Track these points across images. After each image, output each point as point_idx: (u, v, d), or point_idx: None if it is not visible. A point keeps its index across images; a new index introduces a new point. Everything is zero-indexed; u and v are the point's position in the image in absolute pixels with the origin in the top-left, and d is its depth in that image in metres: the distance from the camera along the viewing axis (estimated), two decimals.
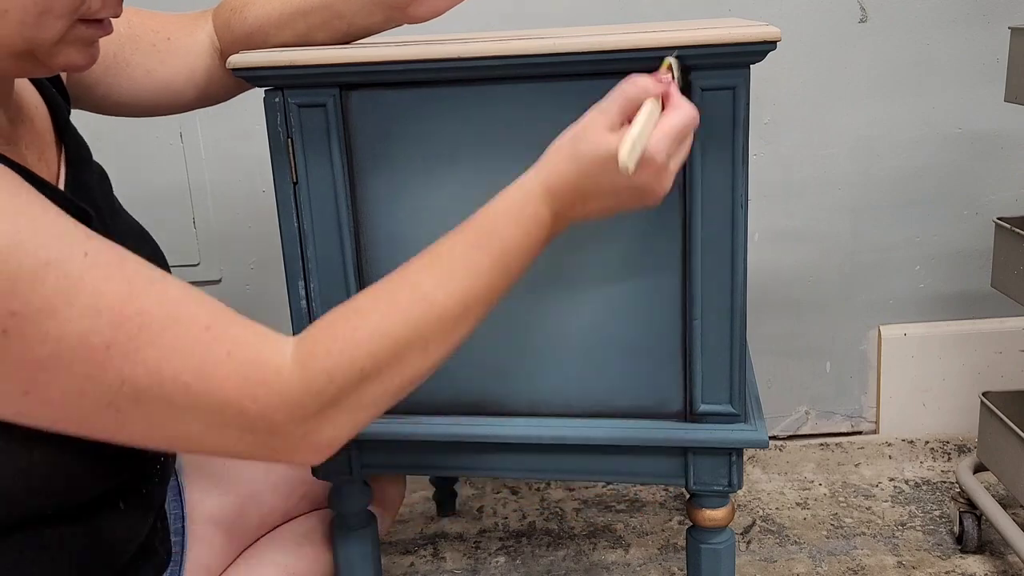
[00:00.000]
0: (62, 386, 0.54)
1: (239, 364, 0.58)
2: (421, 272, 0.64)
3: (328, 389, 0.60)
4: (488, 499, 1.49)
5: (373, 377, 0.61)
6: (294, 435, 0.60)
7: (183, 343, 0.57)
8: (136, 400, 0.56)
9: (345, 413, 0.61)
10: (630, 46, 0.70)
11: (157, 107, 0.86)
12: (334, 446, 0.63)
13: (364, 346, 0.61)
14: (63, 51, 0.61)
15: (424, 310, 0.62)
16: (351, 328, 0.61)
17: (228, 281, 1.53)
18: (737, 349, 0.77)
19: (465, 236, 0.64)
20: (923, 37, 1.42)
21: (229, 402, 0.58)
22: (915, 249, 1.51)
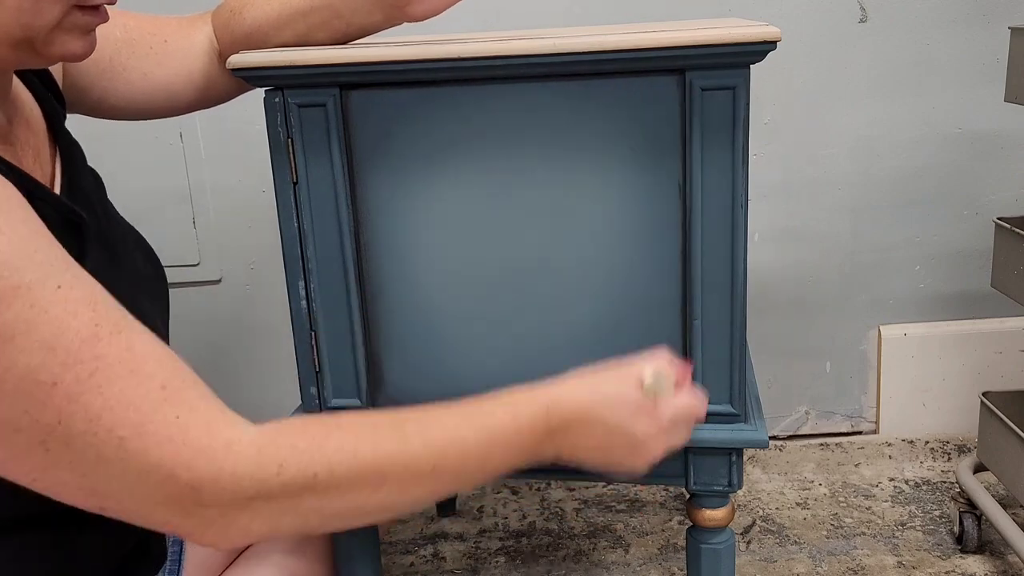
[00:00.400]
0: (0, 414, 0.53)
1: (183, 428, 0.56)
2: (409, 418, 0.64)
3: (272, 480, 0.58)
4: (488, 499, 1.49)
5: (320, 490, 0.60)
6: (214, 515, 0.58)
7: (131, 397, 0.55)
8: (67, 444, 0.54)
9: (274, 512, 0.59)
10: (630, 46, 0.70)
11: (155, 110, 0.86)
12: (247, 539, 0.61)
13: (328, 455, 0.60)
14: (60, 39, 0.61)
15: (397, 449, 0.62)
16: (324, 434, 0.61)
17: (228, 281, 1.53)
18: (737, 349, 0.77)
19: (461, 407, 0.66)
20: (923, 37, 1.42)
21: (161, 465, 0.56)
22: (915, 249, 1.51)
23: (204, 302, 1.53)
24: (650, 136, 0.74)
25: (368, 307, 0.82)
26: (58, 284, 0.54)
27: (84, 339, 0.54)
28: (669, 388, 0.68)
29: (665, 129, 0.74)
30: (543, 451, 0.67)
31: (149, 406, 0.56)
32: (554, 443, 0.67)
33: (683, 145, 0.74)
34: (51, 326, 0.53)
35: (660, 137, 0.74)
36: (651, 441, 0.67)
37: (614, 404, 0.66)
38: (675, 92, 0.73)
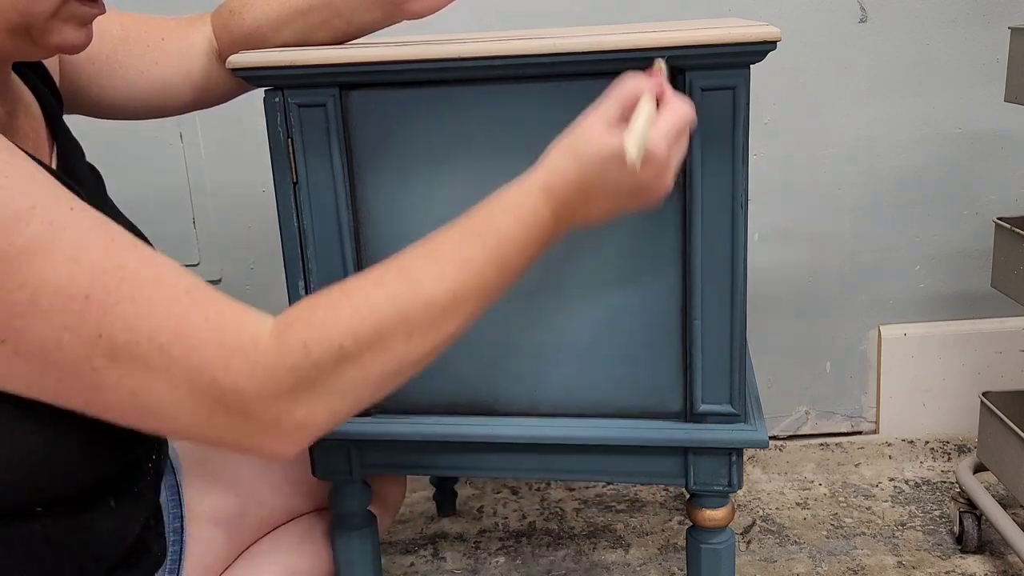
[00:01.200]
0: (39, 334, 0.54)
1: (215, 330, 0.57)
2: (412, 259, 0.63)
3: (303, 363, 0.58)
4: (488, 499, 1.49)
5: (352, 357, 0.60)
6: (266, 414, 0.58)
7: (162, 302, 0.56)
8: (112, 357, 0.55)
9: (320, 395, 0.60)
10: (630, 46, 0.70)
11: (153, 109, 0.86)
12: (307, 433, 0.61)
13: (345, 322, 0.59)
14: (58, 28, 0.62)
15: (411, 295, 0.61)
16: (333, 304, 0.60)
17: (228, 281, 1.53)
18: (737, 349, 0.77)
19: (460, 228, 0.64)
20: (923, 37, 1.42)
21: (203, 368, 0.57)
22: (915, 249, 1.51)
23: None
24: None
25: None
26: (71, 207, 0.56)
27: (106, 252, 0.56)
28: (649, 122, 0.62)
29: None
30: (558, 233, 0.65)
31: (180, 310, 0.57)
32: (563, 221, 0.65)
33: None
34: (72, 240, 0.54)
35: None
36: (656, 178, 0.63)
37: (606, 164, 0.62)
38: None
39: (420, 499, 1.49)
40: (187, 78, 0.85)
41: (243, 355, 0.58)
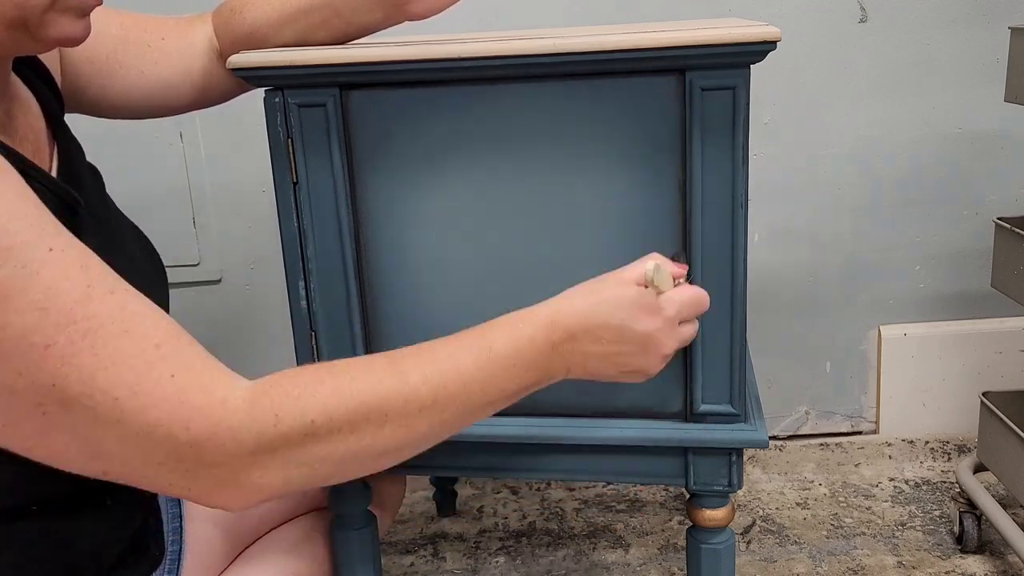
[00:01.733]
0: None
1: (179, 388, 0.56)
2: (406, 355, 0.64)
3: (270, 432, 0.58)
4: (488, 499, 1.49)
5: (321, 435, 0.59)
6: (220, 471, 0.58)
7: (125, 357, 0.55)
8: (63, 406, 0.54)
9: (280, 464, 0.59)
10: (630, 46, 0.70)
11: (153, 108, 0.86)
12: (260, 494, 0.60)
13: (322, 399, 0.59)
14: (55, 21, 0.61)
15: (394, 385, 0.61)
16: (316, 379, 0.60)
17: (228, 281, 1.53)
18: (737, 349, 0.77)
19: (457, 336, 0.65)
20: (923, 37, 1.42)
21: (159, 424, 0.56)
22: (915, 249, 1.51)
23: (204, 302, 1.53)
24: (650, 136, 0.74)
25: (368, 307, 0.82)
26: (50, 247, 0.54)
27: (77, 300, 0.54)
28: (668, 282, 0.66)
29: (665, 129, 0.74)
30: (551, 368, 0.65)
31: (144, 365, 0.56)
32: (560, 357, 0.65)
33: (683, 145, 0.74)
34: (44, 287, 0.53)
35: (660, 137, 0.74)
36: (660, 336, 0.65)
37: (616, 306, 0.64)
38: (675, 92, 0.72)
39: (420, 499, 1.49)
40: (187, 77, 0.85)
41: (206, 414, 0.57)
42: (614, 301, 0.64)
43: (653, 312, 0.65)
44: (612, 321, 0.64)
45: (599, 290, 0.66)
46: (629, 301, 0.65)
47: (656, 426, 0.81)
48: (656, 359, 0.67)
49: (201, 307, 1.53)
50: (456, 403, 0.63)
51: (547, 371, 0.65)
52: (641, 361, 0.66)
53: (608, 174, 0.76)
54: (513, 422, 0.83)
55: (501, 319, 0.65)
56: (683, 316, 0.67)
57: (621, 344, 0.65)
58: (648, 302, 0.65)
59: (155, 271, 0.79)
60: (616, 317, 0.64)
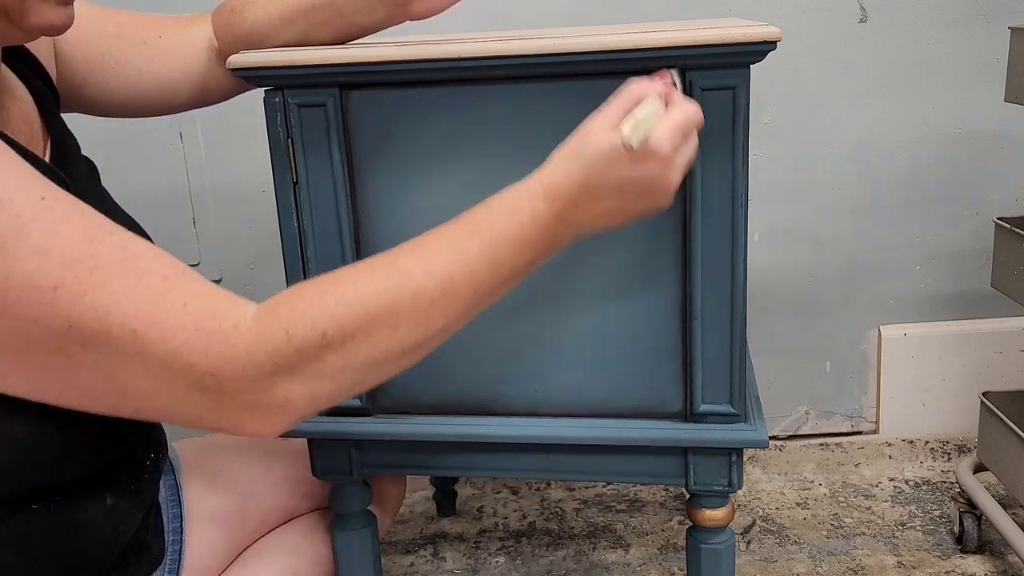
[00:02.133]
0: (10, 328, 0.54)
1: (193, 315, 0.57)
2: (404, 251, 0.63)
3: (284, 349, 0.58)
4: (488, 499, 1.49)
5: (336, 345, 0.59)
6: (244, 395, 0.58)
7: (135, 290, 0.55)
8: (84, 345, 0.55)
9: (300, 380, 0.59)
10: (630, 46, 0.70)
11: (151, 107, 0.86)
12: (287, 415, 0.60)
13: (329, 309, 0.59)
14: (37, 9, 0.61)
15: (399, 285, 0.60)
16: (319, 292, 0.60)
17: (228, 281, 1.53)
18: (737, 349, 0.77)
19: (456, 224, 0.63)
20: (923, 37, 1.42)
21: (179, 353, 0.56)
22: (915, 249, 1.51)
23: None
24: None
25: None
26: (41, 196, 0.55)
27: (77, 241, 0.55)
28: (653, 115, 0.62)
29: None
30: (558, 236, 0.64)
31: (155, 297, 0.56)
32: (566, 224, 0.63)
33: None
34: (41, 232, 0.54)
35: None
36: (661, 176, 0.62)
37: (608, 161, 0.61)
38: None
39: (420, 499, 1.49)
40: (186, 76, 0.85)
41: (221, 339, 0.57)
42: (605, 155, 0.61)
43: (647, 157, 0.61)
44: (609, 179, 0.62)
45: (586, 146, 0.62)
46: (621, 152, 0.61)
47: (656, 426, 0.81)
48: (663, 195, 0.64)
49: None
50: (466, 290, 0.62)
51: (555, 240, 0.64)
52: (649, 203, 0.64)
53: None
54: (513, 422, 0.83)
55: (495, 199, 0.63)
56: (679, 145, 0.63)
57: (624, 196, 0.63)
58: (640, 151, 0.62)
59: None
60: (611, 174, 0.62)
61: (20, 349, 0.54)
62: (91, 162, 0.78)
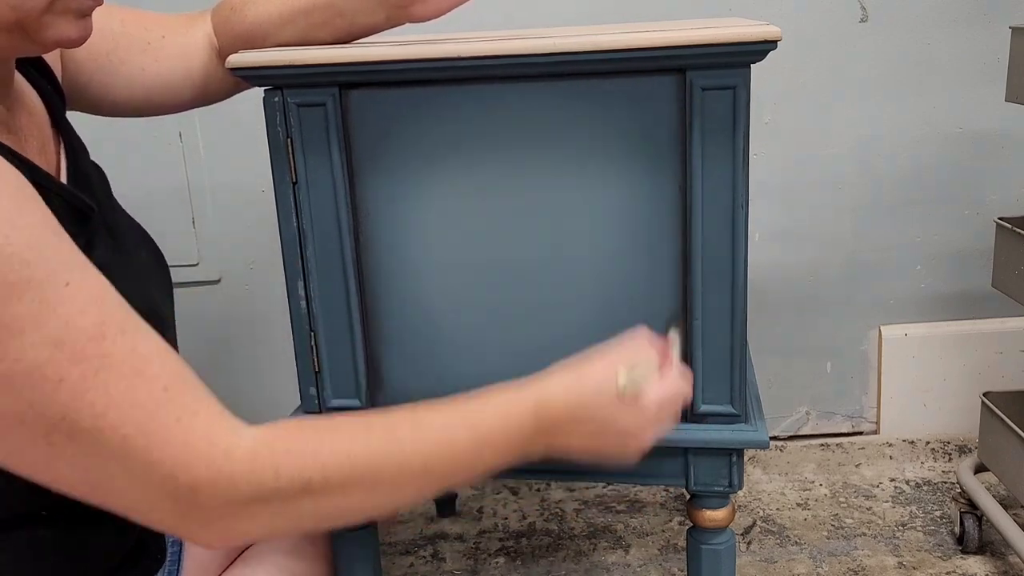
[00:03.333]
0: (5, 407, 0.54)
1: (185, 431, 0.57)
2: (402, 419, 0.65)
3: (268, 485, 0.59)
4: (488, 499, 1.49)
5: (315, 493, 0.61)
6: (211, 516, 0.59)
7: (135, 396, 0.56)
8: (71, 438, 0.55)
9: (269, 515, 0.60)
10: (630, 46, 0.70)
11: (153, 106, 0.86)
12: (242, 539, 0.62)
13: (322, 459, 0.61)
14: (53, 23, 0.61)
15: (389, 452, 0.63)
16: (318, 439, 0.61)
17: (228, 281, 1.53)
18: (737, 349, 0.77)
19: (453, 408, 0.66)
20: (924, 37, 1.42)
21: (162, 464, 0.56)
22: (915, 249, 1.51)
23: (203, 302, 1.53)
24: (650, 136, 0.74)
25: (368, 307, 0.82)
26: (67, 281, 0.55)
27: (91, 337, 0.55)
28: (650, 376, 0.68)
29: (665, 129, 0.74)
30: (533, 450, 0.68)
31: (153, 406, 0.56)
32: (544, 442, 0.67)
33: (683, 145, 0.73)
34: (59, 323, 0.54)
35: (660, 137, 0.74)
36: (639, 431, 0.68)
37: (600, 399, 0.66)
38: (675, 92, 0.72)
39: None
40: (187, 75, 0.85)
41: (208, 462, 0.57)
42: (600, 394, 0.66)
43: (634, 409, 0.67)
44: (595, 416, 0.67)
45: (586, 377, 0.67)
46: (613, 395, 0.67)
47: None
48: (635, 451, 0.69)
49: (201, 307, 1.53)
50: (442, 473, 0.65)
51: (529, 452, 0.68)
52: (619, 451, 0.69)
53: (608, 174, 0.75)
54: None
55: (493, 397, 0.67)
56: (663, 410, 0.69)
57: (603, 437, 0.68)
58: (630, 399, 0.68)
59: (160, 273, 0.80)
60: (600, 412, 0.67)
61: (7, 426, 0.55)
62: (100, 168, 0.78)
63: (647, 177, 0.75)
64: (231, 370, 1.57)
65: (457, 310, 0.81)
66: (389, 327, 0.82)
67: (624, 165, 0.75)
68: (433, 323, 0.81)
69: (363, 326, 0.82)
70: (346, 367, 0.83)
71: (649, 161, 0.75)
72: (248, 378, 1.57)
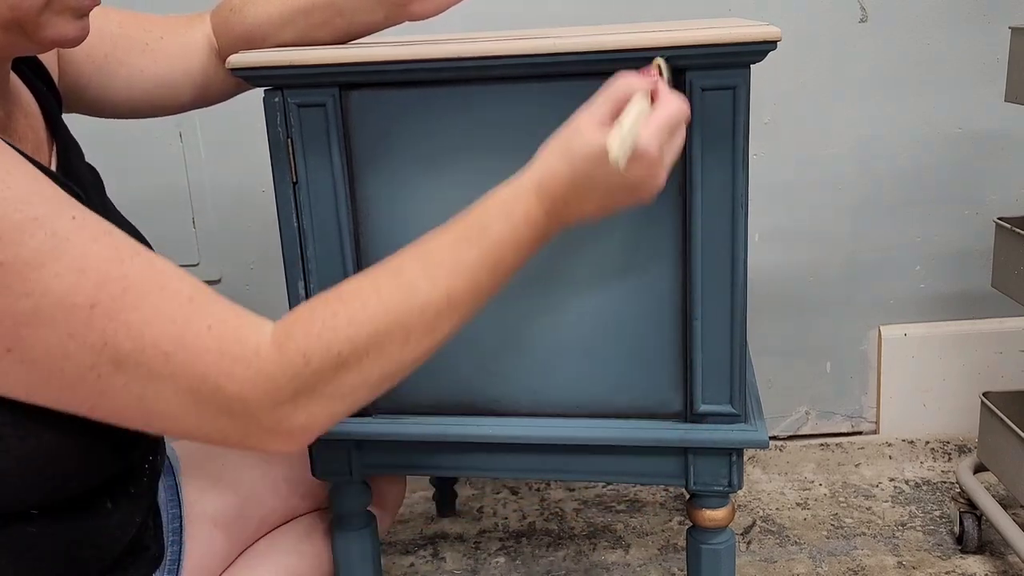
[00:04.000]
0: (45, 343, 0.54)
1: (218, 339, 0.58)
2: (406, 262, 0.63)
3: (303, 372, 0.59)
4: (488, 499, 1.49)
5: (351, 364, 0.61)
6: (268, 419, 0.60)
7: (166, 310, 0.57)
8: (117, 365, 0.56)
9: (320, 401, 0.61)
10: (630, 46, 0.70)
11: (152, 107, 0.86)
12: (309, 434, 0.62)
13: (343, 331, 0.60)
14: (51, 22, 0.61)
15: (406, 299, 0.62)
16: (331, 313, 0.61)
17: (228, 281, 1.53)
18: (737, 349, 0.77)
19: (454, 229, 0.64)
20: (923, 37, 1.42)
21: (207, 377, 0.57)
22: (915, 249, 1.51)
23: None
24: None
25: None
26: (72, 215, 0.56)
27: (109, 259, 0.56)
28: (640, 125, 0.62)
29: None
30: (550, 231, 0.65)
31: (183, 318, 0.57)
32: (557, 220, 0.65)
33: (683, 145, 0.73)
34: (76, 250, 0.55)
35: None
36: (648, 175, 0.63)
37: (597, 162, 0.62)
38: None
39: (420, 499, 1.49)
40: (187, 76, 0.85)
41: (245, 364, 0.58)
42: (594, 156, 0.62)
43: (635, 162, 0.61)
44: (596, 179, 0.62)
45: (574, 145, 0.63)
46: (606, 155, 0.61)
47: (656, 426, 0.81)
48: (650, 192, 0.65)
49: None
50: (469, 296, 0.64)
51: (547, 235, 0.66)
52: (635, 199, 0.65)
53: None
54: (513, 422, 0.83)
55: (488, 200, 0.64)
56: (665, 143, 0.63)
57: (612, 195, 0.64)
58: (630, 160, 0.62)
59: None
60: (599, 174, 0.62)
61: (55, 364, 0.55)
62: (94, 170, 0.78)
63: None
64: None
65: None
66: None
67: None
68: None
69: None
70: None
71: None
72: None
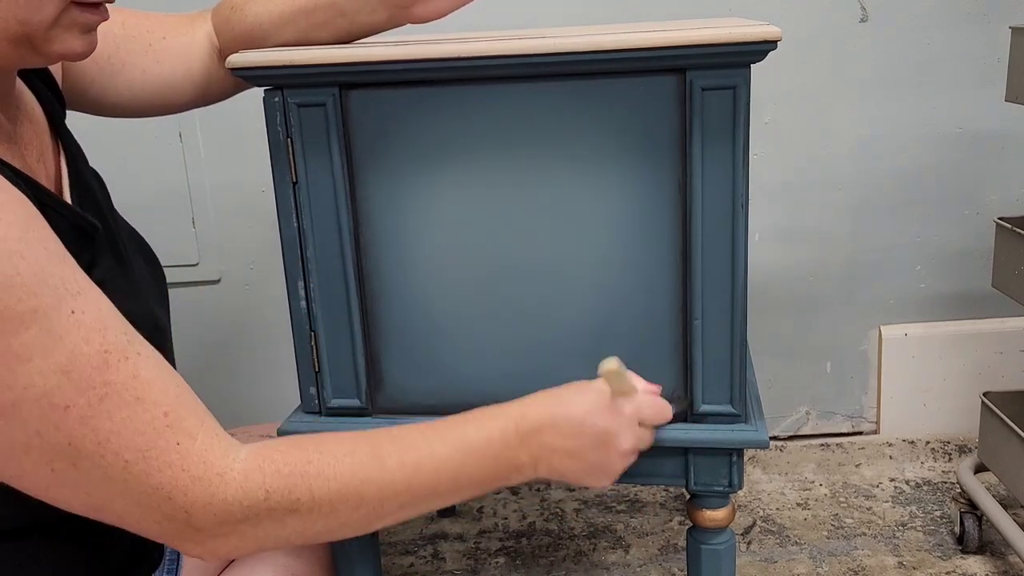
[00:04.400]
0: (10, 436, 0.55)
1: (183, 456, 0.59)
2: (386, 438, 0.67)
3: (259, 506, 0.62)
4: (488, 499, 1.49)
5: (303, 512, 0.63)
6: (206, 534, 0.61)
7: (137, 422, 0.58)
8: (74, 465, 0.57)
9: (257, 532, 0.63)
10: (630, 46, 0.70)
11: (154, 107, 0.86)
12: (233, 555, 0.65)
13: (309, 480, 0.63)
14: (60, 37, 0.61)
15: (373, 471, 0.65)
16: (306, 460, 0.64)
17: (228, 281, 1.53)
18: (737, 349, 0.77)
19: (435, 425, 0.69)
20: (923, 37, 1.42)
21: (160, 487, 0.59)
22: (915, 249, 1.51)
23: (203, 302, 1.53)
24: (650, 136, 0.74)
25: (368, 307, 0.82)
26: (72, 309, 0.56)
27: (95, 366, 0.57)
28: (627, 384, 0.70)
29: (665, 129, 0.74)
30: (518, 460, 0.69)
31: (153, 432, 0.59)
32: (527, 449, 0.68)
33: (683, 145, 0.74)
34: (66, 351, 0.55)
35: (660, 137, 0.74)
36: (617, 431, 0.69)
37: (577, 401, 0.69)
38: (675, 92, 0.72)
39: None
40: (188, 76, 0.85)
41: (204, 484, 0.60)
42: (576, 396, 0.69)
43: (611, 409, 0.69)
44: (573, 415, 0.69)
45: (563, 392, 0.70)
46: (590, 399, 0.69)
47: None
48: (615, 455, 0.70)
49: (200, 307, 1.53)
50: (426, 488, 0.67)
51: (515, 464, 0.69)
52: (601, 456, 0.70)
53: (608, 174, 0.76)
54: None
55: (475, 411, 0.70)
56: (642, 418, 0.71)
57: (581, 438, 0.69)
58: (607, 403, 0.70)
59: (156, 282, 0.80)
60: (576, 411, 0.69)
61: (12, 456, 0.57)
62: (98, 175, 0.78)
63: (647, 177, 0.75)
64: (231, 370, 1.57)
65: (457, 310, 0.81)
66: (389, 327, 0.82)
67: (624, 165, 0.75)
68: (433, 323, 0.81)
69: (363, 326, 0.82)
70: (346, 367, 0.83)
71: (649, 161, 0.75)
72: (248, 378, 1.57)
